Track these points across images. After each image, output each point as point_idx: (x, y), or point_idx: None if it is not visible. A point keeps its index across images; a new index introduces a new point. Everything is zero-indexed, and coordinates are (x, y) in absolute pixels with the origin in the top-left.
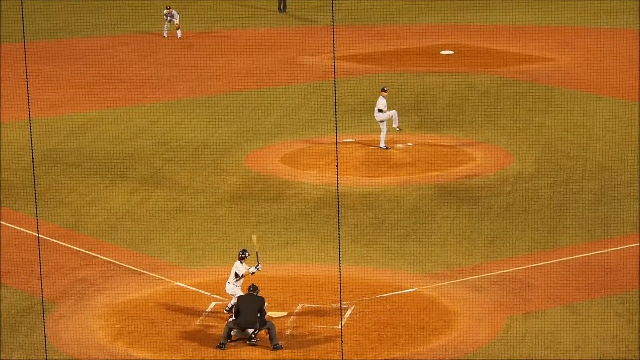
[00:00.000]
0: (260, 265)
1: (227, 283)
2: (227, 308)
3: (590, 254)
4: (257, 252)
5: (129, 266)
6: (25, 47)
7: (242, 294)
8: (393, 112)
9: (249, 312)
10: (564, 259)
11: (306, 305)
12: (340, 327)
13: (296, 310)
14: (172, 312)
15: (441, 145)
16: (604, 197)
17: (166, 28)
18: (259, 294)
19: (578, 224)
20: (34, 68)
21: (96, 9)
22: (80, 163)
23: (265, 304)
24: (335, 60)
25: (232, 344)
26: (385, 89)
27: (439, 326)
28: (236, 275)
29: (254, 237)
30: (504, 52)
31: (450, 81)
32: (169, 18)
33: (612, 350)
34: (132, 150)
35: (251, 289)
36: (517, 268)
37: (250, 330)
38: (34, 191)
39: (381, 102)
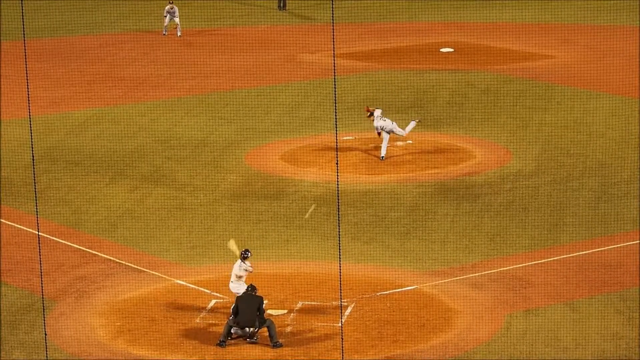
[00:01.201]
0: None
1: (230, 282)
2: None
3: (590, 251)
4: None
5: (129, 264)
6: (25, 44)
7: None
8: (386, 134)
9: (248, 311)
10: (564, 256)
11: (306, 302)
12: (340, 324)
13: (296, 308)
14: (172, 310)
15: (441, 143)
16: (604, 194)
17: (165, 26)
18: (257, 293)
19: (578, 222)
20: (34, 66)
21: (96, 6)
22: (80, 161)
23: (264, 302)
24: (335, 58)
25: (233, 341)
26: (370, 109)
27: (439, 324)
28: (236, 274)
29: (232, 242)
30: (504, 50)
31: (450, 79)
32: (169, 15)
33: (612, 347)
34: (132, 148)
35: (249, 288)
36: (517, 265)
37: (250, 329)
38: (34, 189)
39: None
